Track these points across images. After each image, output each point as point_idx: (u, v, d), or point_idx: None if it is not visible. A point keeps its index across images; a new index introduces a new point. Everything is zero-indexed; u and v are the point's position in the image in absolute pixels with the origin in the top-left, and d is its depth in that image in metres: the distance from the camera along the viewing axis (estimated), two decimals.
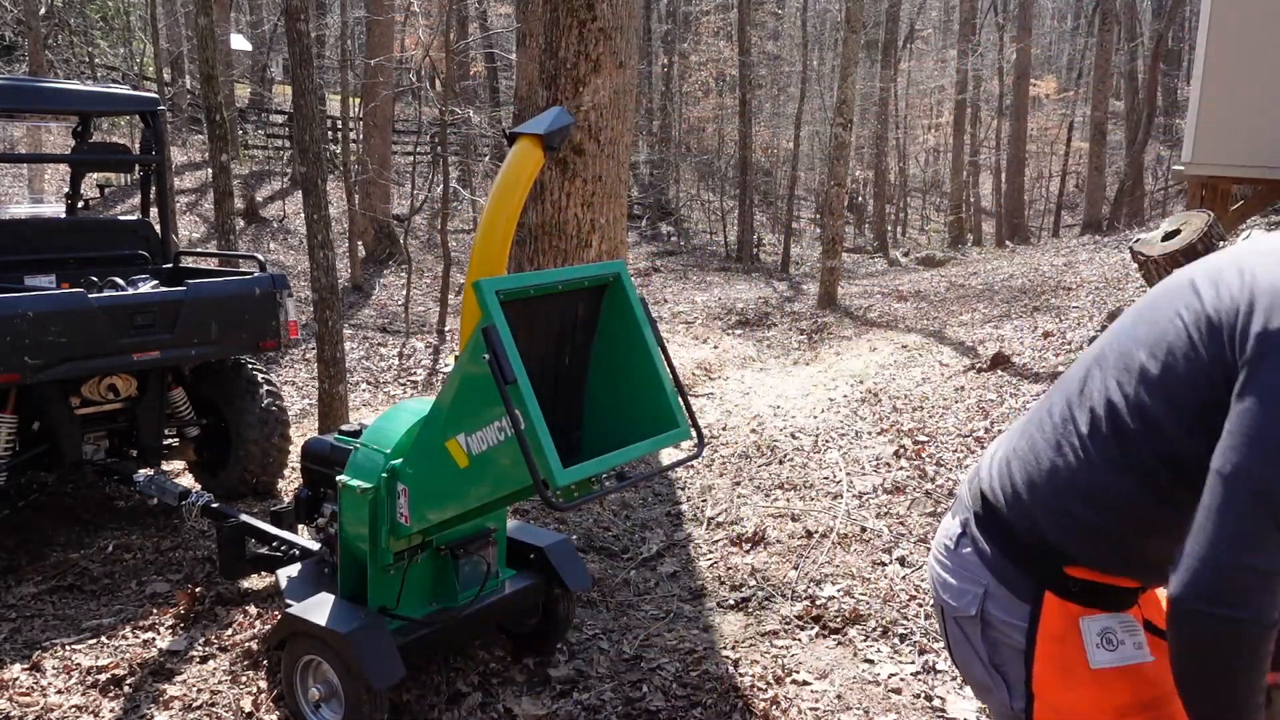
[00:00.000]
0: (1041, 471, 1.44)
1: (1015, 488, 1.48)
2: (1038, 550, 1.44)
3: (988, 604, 1.48)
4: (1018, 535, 1.47)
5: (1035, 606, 1.43)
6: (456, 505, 2.70)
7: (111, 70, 21.68)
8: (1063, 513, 1.41)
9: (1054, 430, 1.45)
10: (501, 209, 2.86)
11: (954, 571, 1.56)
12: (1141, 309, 1.41)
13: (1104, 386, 1.38)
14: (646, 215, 23.84)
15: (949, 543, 1.60)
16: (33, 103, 5.03)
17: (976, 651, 1.52)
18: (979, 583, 1.50)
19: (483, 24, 21.95)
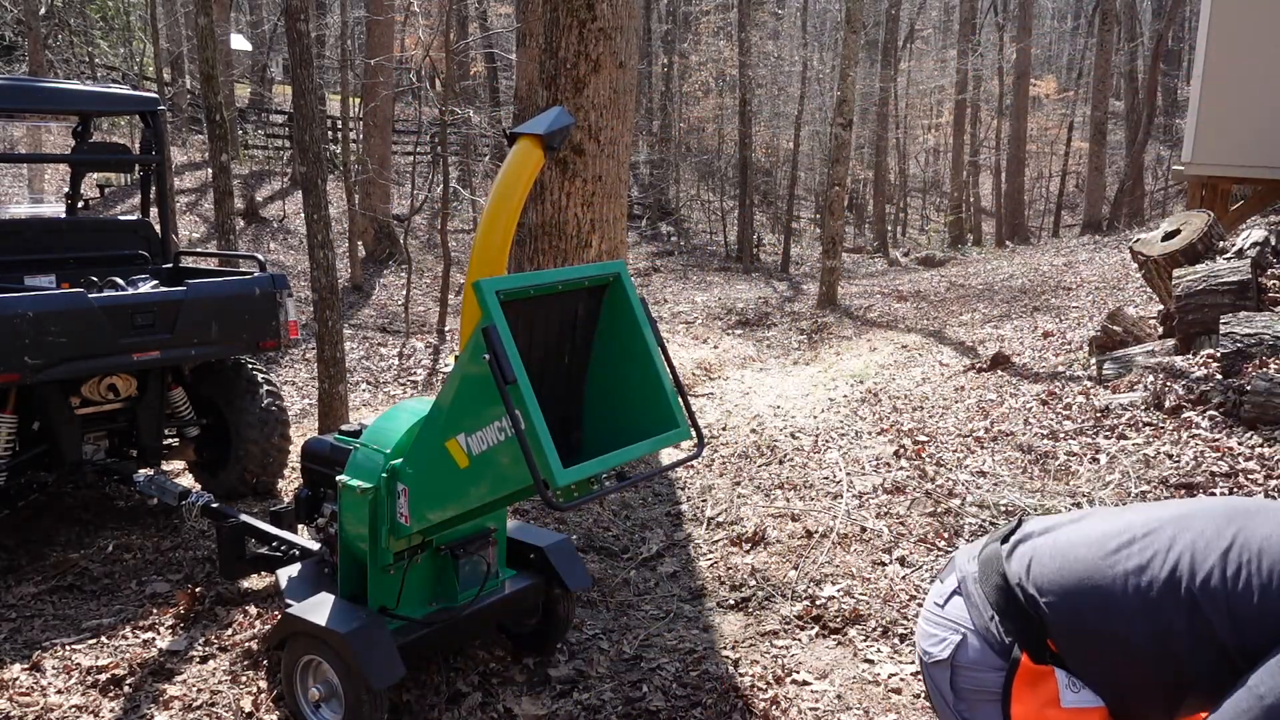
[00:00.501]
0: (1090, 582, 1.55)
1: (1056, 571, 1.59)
2: (1032, 621, 1.58)
3: (960, 650, 1.61)
4: (1020, 605, 1.59)
5: (1013, 661, 1.57)
6: (456, 505, 2.70)
7: (111, 70, 21.67)
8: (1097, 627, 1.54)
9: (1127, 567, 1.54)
10: (501, 209, 2.86)
11: (936, 623, 1.70)
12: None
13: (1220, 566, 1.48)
14: (646, 215, 23.84)
15: (938, 600, 1.73)
16: (33, 103, 5.03)
17: (944, 697, 1.65)
18: (958, 630, 1.64)
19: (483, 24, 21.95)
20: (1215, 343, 5.29)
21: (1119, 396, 5.43)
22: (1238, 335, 5.05)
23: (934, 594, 1.77)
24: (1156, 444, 4.73)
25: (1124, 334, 6.56)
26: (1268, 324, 5.05)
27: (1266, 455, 4.33)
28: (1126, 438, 4.92)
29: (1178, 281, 5.76)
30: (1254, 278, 5.52)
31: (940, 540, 4.20)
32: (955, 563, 1.78)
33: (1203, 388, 5.01)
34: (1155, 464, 4.53)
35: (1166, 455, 4.57)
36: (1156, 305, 7.05)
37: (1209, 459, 4.41)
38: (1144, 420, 5.04)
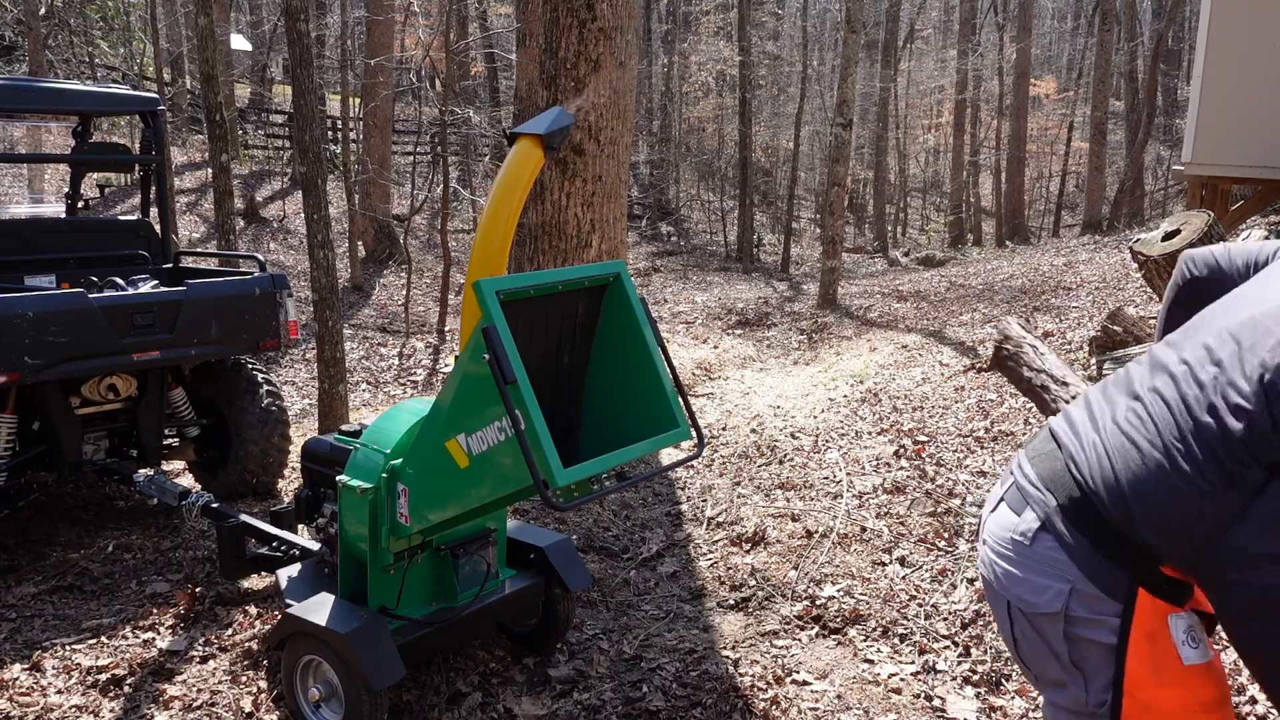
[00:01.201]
0: (1148, 471, 1.40)
1: (1119, 485, 1.43)
2: (1135, 547, 1.41)
3: (1073, 600, 1.45)
4: (1116, 531, 1.42)
5: (1128, 604, 1.41)
6: (456, 505, 2.70)
7: (111, 70, 21.68)
8: (1165, 514, 1.39)
9: (1158, 427, 1.42)
10: (501, 209, 2.86)
11: (1029, 567, 1.50)
12: (1253, 304, 1.43)
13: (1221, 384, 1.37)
14: (646, 215, 23.84)
15: (1019, 538, 1.53)
16: (33, 103, 5.03)
17: (1053, 648, 1.49)
18: (1064, 578, 1.46)
19: (483, 24, 21.95)
20: None
21: None
22: None
23: (1006, 526, 1.56)
24: None
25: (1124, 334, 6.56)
26: None
27: None
28: None
29: None
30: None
31: (940, 540, 4.20)
32: (1024, 490, 1.57)
33: None
34: None
35: None
36: (1156, 305, 7.05)
37: None
38: None
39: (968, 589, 3.73)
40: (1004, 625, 1.59)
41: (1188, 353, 1.45)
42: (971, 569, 3.89)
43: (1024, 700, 3.02)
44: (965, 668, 3.21)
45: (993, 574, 1.59)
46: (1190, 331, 1.50)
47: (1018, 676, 3.14)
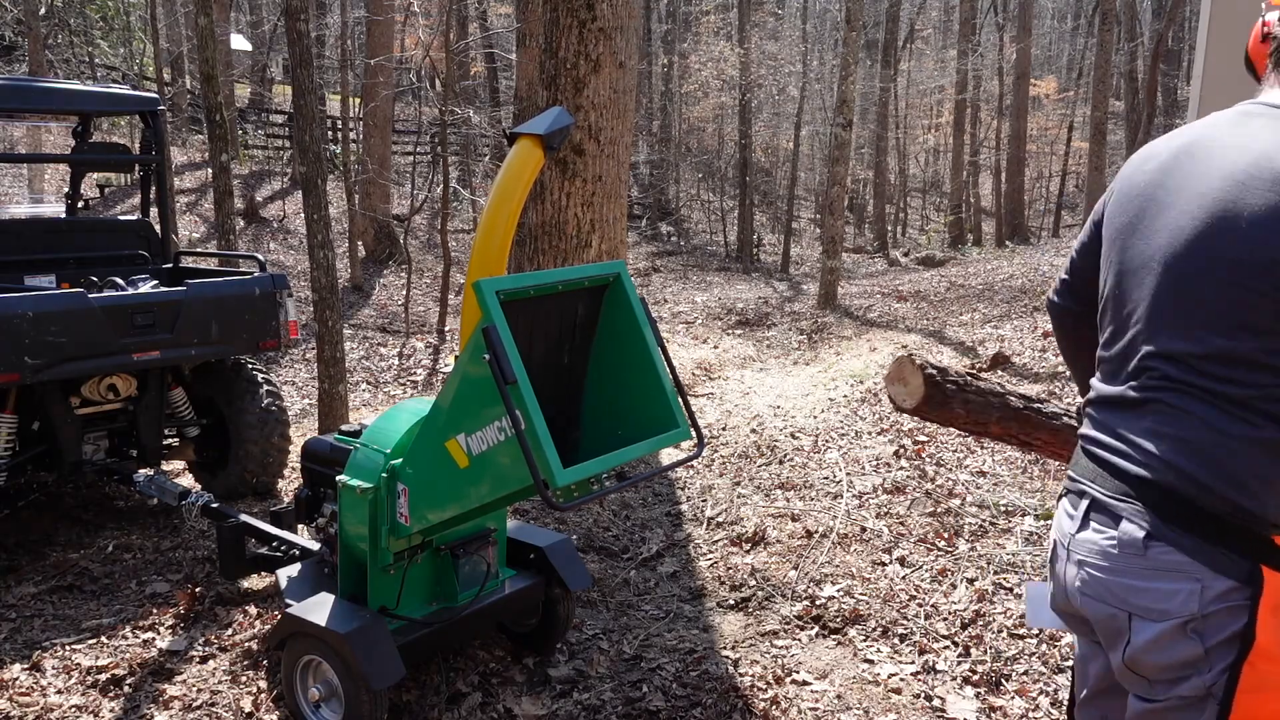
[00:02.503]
0: (1214, 443, 1.44)
1: (1204, 468, 1.45)
2: (1247, 526, 1.43)
3: (1205, 596, 1.44)
4: (1222, 517, 1.43)
5: (1256, 584, 1.42)
6: (456, 505, 2.70)
7: (111, 70, 21.67)
8: (1258, 477, 1.43)
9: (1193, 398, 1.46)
10: (501, 209, 2.86)
11: (1151, 575, 1.48)
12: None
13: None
14: (646, 215, 23.84)
15: (1130, 550, 1.49)
16: (33, 103, 5.03)
17: (1188, 646, 1.46)
18: (1192, 578, 1.44)
19: (483, 24, 21.94)
20: None
21: None
22: None
23: (1106, 542, 1.53)
24: None
25: None
26: None
27: None
28: None
29: None
30: None
31: (940, 540, 4.20)
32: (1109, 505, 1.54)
33: None
34: None
35: None
36: None
37: None
38: None
39: (968, 589, 3.74)
40: (1117, 640, 1.54)
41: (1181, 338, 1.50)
42: (972, 569, 3.89)
43: (1024, 700, 3.02)
44: (965, 668, 3.21)
45: (1101, 592, 1.54)
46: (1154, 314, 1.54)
47: (1018, 676, 3.15)
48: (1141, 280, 1.55)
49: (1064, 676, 3.09)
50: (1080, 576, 1.58)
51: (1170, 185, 1.55)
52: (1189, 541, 1.45)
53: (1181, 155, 1.56)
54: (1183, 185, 1.52)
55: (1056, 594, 1.68)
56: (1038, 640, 3.32)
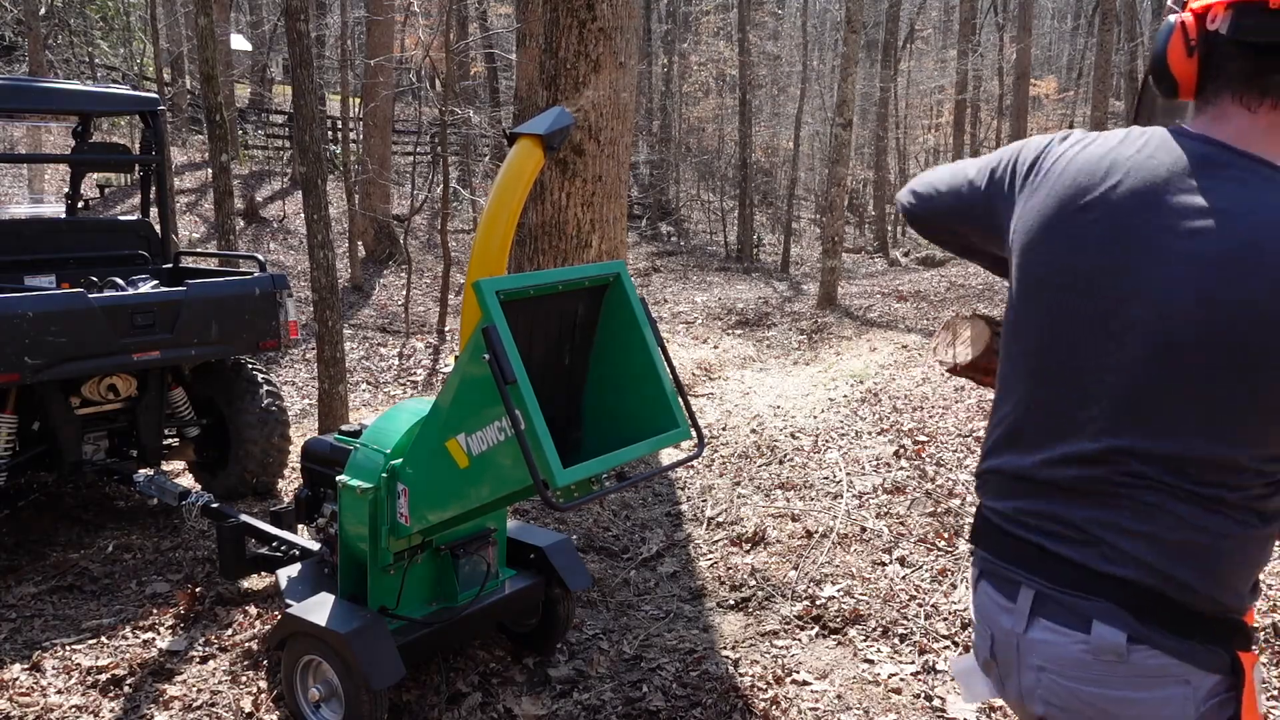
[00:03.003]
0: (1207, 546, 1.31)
1: (1188, 570, 1.31)
2: (1225, 617, 1.34)
3: (1198, 697, 1.33)
4: (1201, 615, 1.32)
5: (1238, 673, 1.33)
6: (456, 505, 2.70)
7: (111, 70, 21.68)
8: (1243, 575, 1.35)
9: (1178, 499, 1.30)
10: (501, 209, 2.86)
11: (1139, 684, 1.33)
12: None
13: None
14: (646, 215, 23.84)
15: (1107, 656, 1.33)
16: (33, 103, 5.03)
17: None
18: (1182, 680, 1.32)
19: (483, 24, 21.94)
20: None
21: None
22: None
23: (1080, 649, 1.35)
24: None
25: None
26: None
27: None
28: None
29: None
30: None
31: (940, 540, 4.20)
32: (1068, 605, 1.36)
33: None
34: None
35: None
36: None
37: None
38: None
39: (967, 589, 3.74)
40: None
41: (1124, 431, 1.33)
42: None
43: None
44: None
45: (1075, 704, 1.38)
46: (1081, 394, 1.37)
47: None
48: (1106, 351, 1.32)
49: None
50: (1044, 684, 1.40)
51: (1139, 237, 1.29)
52: (1172, 642, 1.32)
53: (1138, 201, 1.30)
54: (1160, 246, 1.27)
55: (999, 690, 1.51)
56: None
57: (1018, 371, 1.46)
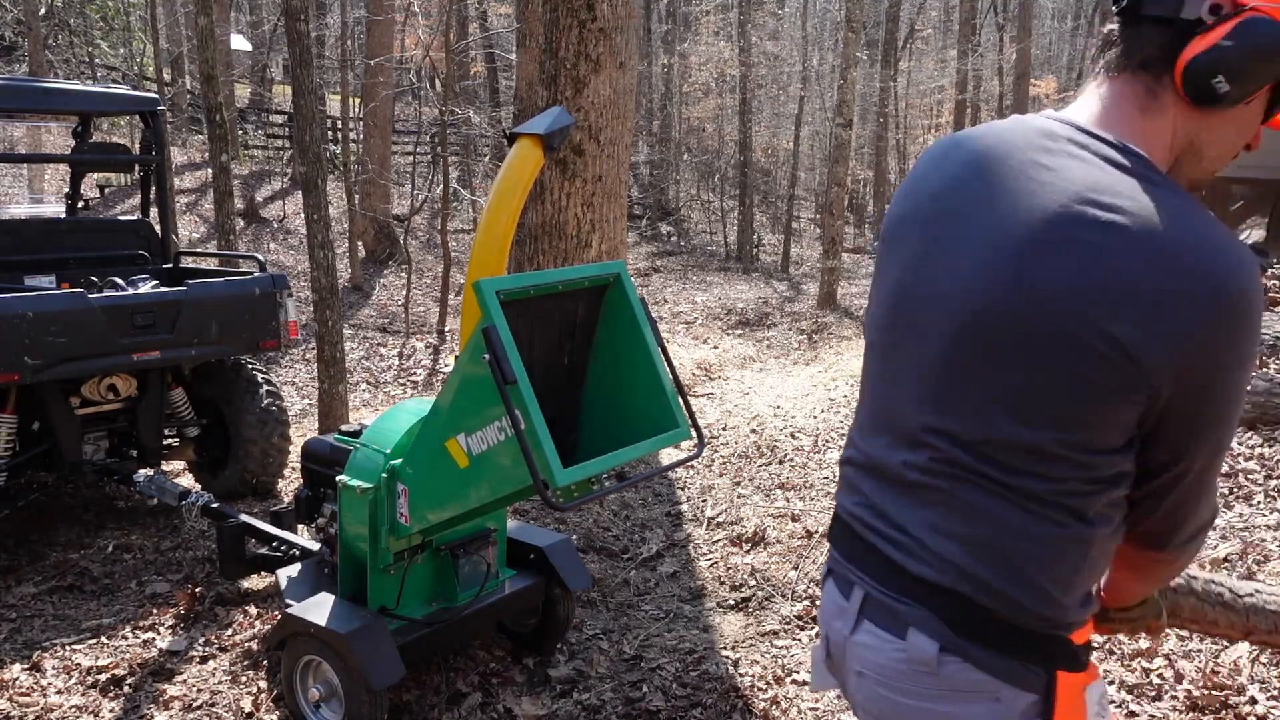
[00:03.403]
0: (1013, 547, 1.23)
1: (993, 574, 1.23)
2: (1045, 632, 1.25)
3: (1006, 714, 1.26)
4: (1012, 625, 1.24)
5: (1049, 694, 1.25)
6: (456, 505, 2.70)
7: (111, 70, 21.68)
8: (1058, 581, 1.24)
9: (986, 491, 1.23)
10: (501, 209, 2.86)
11: (947, 698, 1.27)
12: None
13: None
14: (646, 215, 23.84)
15: (920, 667, 1.27)
16: (33, 103, 5.03)
17: None
18: (991, 695, 1.25)
19: (483, 24, 21.94)
20: None
21: None
22: None
23: (894, 656, 1.29)
24: None
25: None
26: (1268, 324, 5.05)
27: (1266, 455, 4.33)
28: None
29: None
30: None
31: None
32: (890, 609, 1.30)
33: None
34: None
35: None
36: None
37: None
38: None
39: None
40: None
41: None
42: None
43: None
44: None
45: (882, 712, 1.32)
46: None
47: None
48: (922, 330, 1.27)
49: None
50: (863, 691, 1.34)
51: (962, 214, 1.25)
52: (985, 656, 1.24)
53: (975, 175, 1.25)
54: (977, 220, 1.23)
55: (843, 689, 1.44)
56: None
57: (868, 353, 1.41)
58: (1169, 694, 2.86)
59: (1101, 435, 1.16)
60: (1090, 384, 1.12)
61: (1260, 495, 4.06)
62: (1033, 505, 1.20)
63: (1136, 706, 2.83)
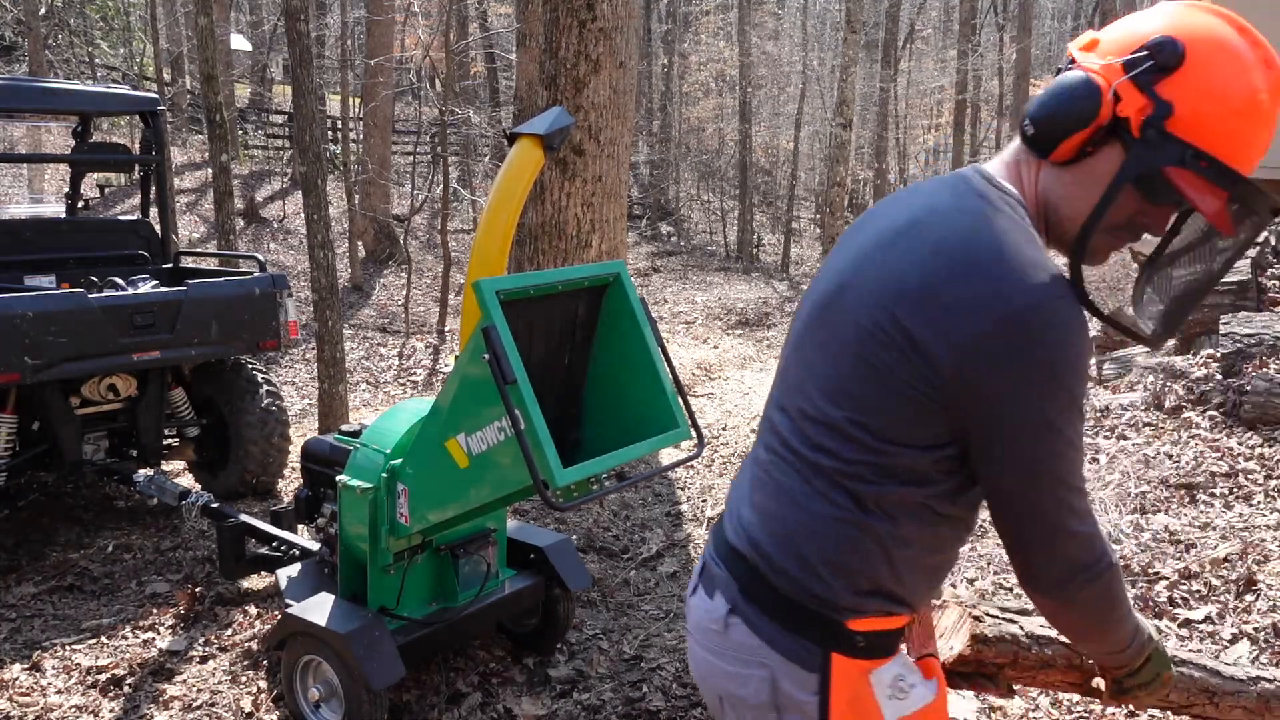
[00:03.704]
0: (799, 521, 1.31)
1: (775, 548, 1.33)
2: (818, 611, 1.30)
3: (776, 686, 1.32)
4: (790, 600, 1.31)
5: (824, 674, 1.30)
6: (456, 505, 2.70)
7: (111, 70, 21.67)
8: (826, 561, 1.30)
9: (786, 464, 1.33)
10: (501, 209, 2.86)
11: (730, 657, 1.36)
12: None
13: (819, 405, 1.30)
14: (646, 215, 23.83)
15: (715, 626, 1.38)
16: (33, 103, 5.03)
17: None
18: (763, 664, 1.33)
19: (483, 24, 21.93)
20: (1215, 343, 5.29)
21: (1119, 397, 5.44)
22: (1238, 335, 5.05)
23: (704, 613, 1.41)
24: (1156, 444, 4.73)
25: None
26: (1268, 324, 5.05)
27: (1266, 455, 4.33)
28: (1126, 438, 4.92)
29: None
30: (1254, 278, 5.53)
31: None
32: (711, 571, 1.43)
33: (1202, 388, 5.00)
34: (1155, 464, 4.53)
35: (1166, 455, 4.57)
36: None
37: (1209, 459, 4.41)
38: (1144, 420, 5.04)
39: (968, 589, 3.73)
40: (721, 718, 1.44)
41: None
42: (972, 568, 3.89)
43: (1024, 700, 3.02)
44: None
45: (699, 670, 1.43)
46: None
47: None
48: (795, 325, 1.43)
49: None
50: (692, 654, 1.46)
51: (862, 227, 1.40)
52: (762, 622, 1.33)
53: (890, 200, 1.41)
54: (866, 230, 1.37)
55: None
56: None
57: None
58: None
59: (897, 426, 1.22)
60: (887, 371, 1.21)
61: (1260, 495, 4.06)
62: (817, 481, 1.28)
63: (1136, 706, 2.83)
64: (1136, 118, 1.15)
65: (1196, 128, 1.14)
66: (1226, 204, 1.17)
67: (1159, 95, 1.14)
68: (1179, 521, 3.96)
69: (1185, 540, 3.78)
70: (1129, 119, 1.16)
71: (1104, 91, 1.17)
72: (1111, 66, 1.17)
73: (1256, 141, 1.16)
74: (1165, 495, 4.25)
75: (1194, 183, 1.16)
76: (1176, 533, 3.85)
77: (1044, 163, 1.25)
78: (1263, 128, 1.16)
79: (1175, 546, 3.75)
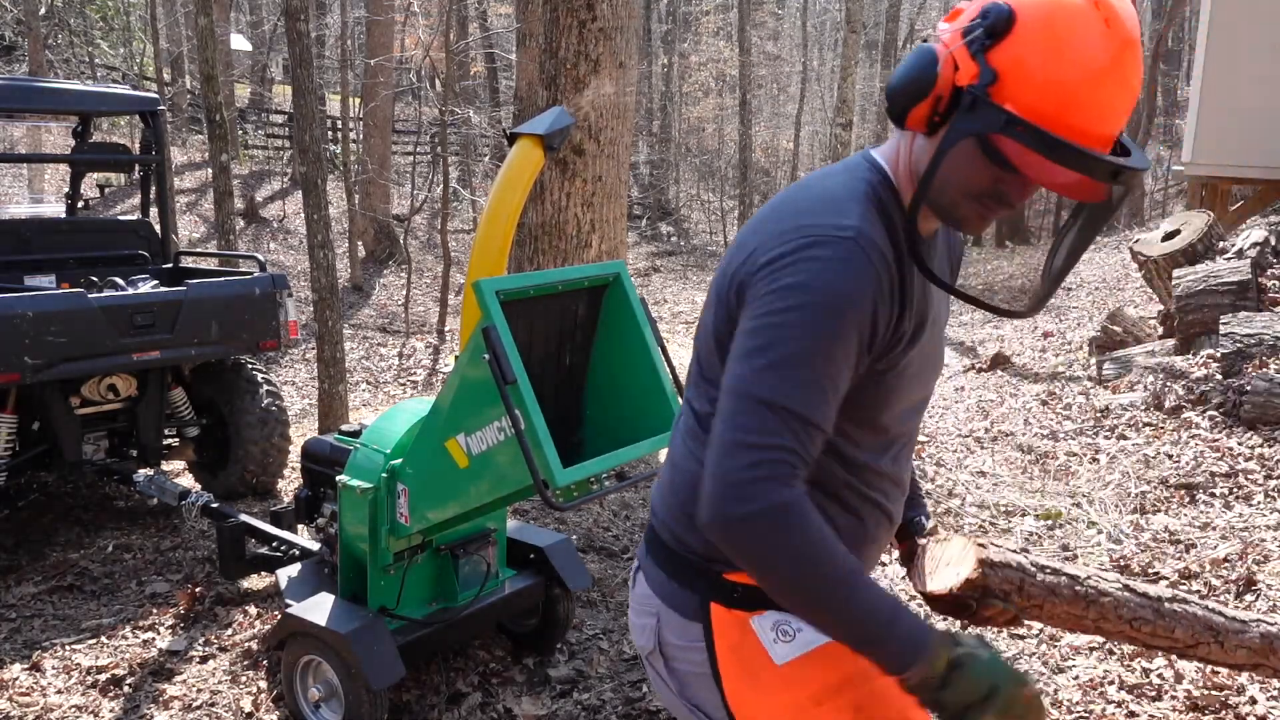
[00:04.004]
0: (675, 476, 1.40)
1: (661, 500, 1.44)
2: (692, 562, 1.36)
3: (663, 633, 1.38)
4: (673, 551, 1.39)
5: (706, 623, 1.34)
6: (456, 505, 2.70)
7: (111, 70, 21.67)
8: (685, 509, 1.36)
9: (676, 431, 1.44)
10: (501, 209, 2.86)
11: (635, 609, 1.46)
12: None
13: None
14: (646, 215, 23.84)
15: (630, 581, 1.50)
16: (33, 103, 5.03)
17: (669, 688, 1.43)
18: (651, 613, 1.40)
19: (483, 24, 21.93)
20: (1215, 343, 5.29)
21: (1119, 397, 5.44)
22: (1238, 335, 5.05)
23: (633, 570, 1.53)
24: (1156, 444, 4.73)
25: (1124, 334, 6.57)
26: (1268, 324, 5.05)
27: (1266, 455, 4.33)
28: (1126, 438, 4.93)
29: (1178, 282, 5.77)
30: (1254, 278, 5.53)
31: None
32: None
33: (1203, 388, 5.01)
34: (1155, 464, 4.53)
35: (1166, 455, 4.58)
36: (1156, 305, 7.05)
37: (1209, 459, 4.41)
38: (1144, 420, 5.04)
39: None
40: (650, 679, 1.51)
41: None
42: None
43: None
44: None
45: (632, 634, 1.51)
46: None
47: None
48: None
49: (1064, 676, 3.09)
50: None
51: None
52: (654, 573, 1.41)
53: None
54: None
55: None
56: (1038, 640, 3.32)
57: None
58: (1169, 694, 2.86)
59: (717, 367, 1.30)
60: (724, 315, 1.29)
61: (1260, 495, 4.06)
62: (690, 441, 1.37)
63: (1136, 706, 2.83)
64: (965, 85, 1.15)
65: (1019, 94, 1.13)
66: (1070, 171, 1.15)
67: (987, 63, 1.14)
68: (1179, 521, 3.96)
69: (1185, 540, 3.78)
70: (964, 87, 1.16)
71: (943, 61, 1.17)
72: (954, 35, 1.18)
73: (1095, 105, 1.13)
74: (1165, 495, 4.25)
75: (1017, 150, 1.15)
76: (1176, 533, 3.85)
77: (916, 134, 1.25)
78: (1101, 90, 1.12)
79: (1175, 546, 3.75)
